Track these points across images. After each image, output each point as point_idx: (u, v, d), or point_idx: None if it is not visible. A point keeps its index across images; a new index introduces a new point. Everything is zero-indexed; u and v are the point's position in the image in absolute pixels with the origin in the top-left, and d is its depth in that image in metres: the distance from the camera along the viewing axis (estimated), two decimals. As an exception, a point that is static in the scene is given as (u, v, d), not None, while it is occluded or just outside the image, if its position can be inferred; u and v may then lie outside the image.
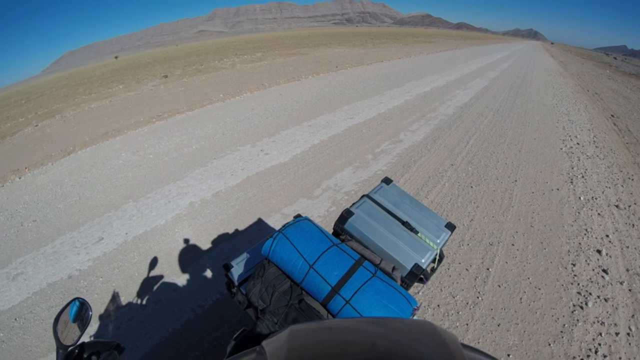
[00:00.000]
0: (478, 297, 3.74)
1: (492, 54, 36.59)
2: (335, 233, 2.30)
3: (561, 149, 7.96)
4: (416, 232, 2.17)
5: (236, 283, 2.19)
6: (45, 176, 7.58)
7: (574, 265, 4.32)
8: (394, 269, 1.94)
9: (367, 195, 2.42)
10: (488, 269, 4.13)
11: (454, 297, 3.74)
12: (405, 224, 2.20)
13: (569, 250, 4.58)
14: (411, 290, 2.15)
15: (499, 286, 3.90)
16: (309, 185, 6.08)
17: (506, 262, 4.27)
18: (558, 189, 6.12)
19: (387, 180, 2.60)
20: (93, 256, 4.68)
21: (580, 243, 4.76)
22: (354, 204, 2.35)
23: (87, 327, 1.50)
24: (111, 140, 9.46)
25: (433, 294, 3.78)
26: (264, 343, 0.78)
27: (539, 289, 3.91)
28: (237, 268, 2.27)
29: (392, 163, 6.84)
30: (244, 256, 2.35)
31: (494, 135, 8.51)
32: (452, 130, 8.81)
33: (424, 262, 2.03)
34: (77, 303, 1.52)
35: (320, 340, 0.78)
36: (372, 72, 18.07)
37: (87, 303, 1.56)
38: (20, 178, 7.69)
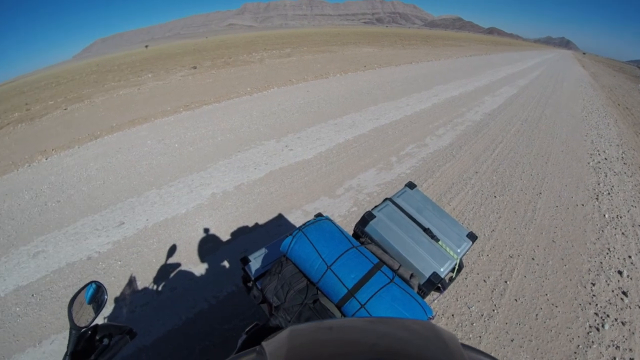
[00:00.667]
0: (494, 310, 3.65)
1: (523, 61, 36.04)
2: (356, 235, 2.25)
3: (588, 163, 7.75)
4: (437, 240, 2.12)
5: (253, 277, 2.18)
6: (71, 159, 7.70)
7: (593, 284, 4.18)
8: (411, 276, 1.90)
9: (390, 199, 2.37)
10: (506, 282, 4.03)
11: (469, 308, 3.66)
12: (426, 230, 2.15)
13: (589, 269, 4.42)
14: (427, 299, 2.11)
15: (516, 300, 3.80)
16: (332, 183, 6.04)
17: (525, 276, 4.16)
18: (583, 205, 5.94)
19: (411, 185, 2.54)
20: (113, 239, 4.74)
21: (601, 262, 4.60)
22: (376, 206, 2.31)
23: (101, 310, 1.50)
24: (138, 127, 9.57)
25: (448, 303, 3.71)
26: (263, 343, 0.76)
27: (556, 306, 3.79)
28: (255, 262, 2.26)
29: (416, 167, 6.75)
30: (262, 251, 2.34)
31: (521, 145, 8.35)
32: (479, 137, 8.67)
33: (443, 271, 1.99)
34: (94, 286, 1.53)
35: (321, 339, 0.76)
36: (400, 74, 17.97)
37: (104, 287, 1.55)
38: (47, 159, 7.83)
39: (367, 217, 2.19)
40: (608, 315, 3.79)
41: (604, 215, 5.78)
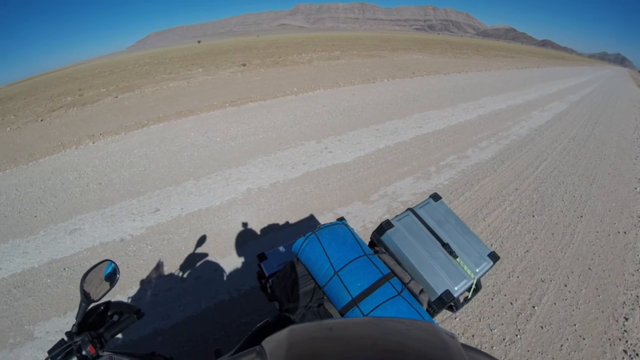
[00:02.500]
0: (517, 335, 3.48)
1: (575, 77, 34.79)
2: (372, 243, 2.22)
3: (635, 188, 7.32)
4: (455, 257, 2.03)
5: (266, 275, 2.19)
6: (116, 144, 7.95)
7: (626, 319, 3.93)
8: (421, 291, 1.84)
9: (412, 210, 2.30)
10: (534, 307, 3.82)
11: (491, 330, 3.51)
12: (445, 245, 2.07)
13: (624, 302, 4.15)
14: (439, 317, 2.05)
15: (542, 327, 3.61)
16: (367, 189, 5.99)
17: (555, 303, 3.93)
18: (625, 233, 5.60)
19: (435, 197, 2.45)
20: (147, 225, 4.88)
21: (638, 296, 4.33)
22: (397, 216, 2.25)
23: (112, 287, 1.56)
24: (183, 120, 9.79)
25: (470, 322, 3.57)
26: (263, 342, 0.76)
27: (584, 338, 3.57)
28: (271, 260, 2.28)
29: (455, 179, 6.61)
30: (280, 249, 2.36)
31: (566, 164, 8.02)
32: (523, 152, 8.40)
33: (457, 290, 1.91)
34: (112, 265, 1.60)
35: (321, 339, 0.75)
36: (448, 82, 17.74)
37: (117, 267, 1.62)
38: (94, 143, 8.11)
39: (384, 226, 2.13)
40: (637, 354, 3.59)
41: (647, 246, 5.51)
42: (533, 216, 5.58)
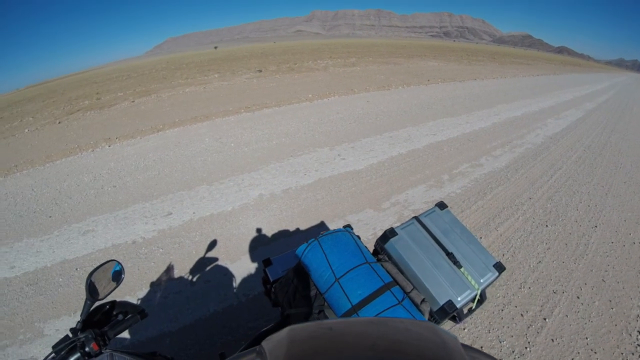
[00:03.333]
0: (526, 348, 3.41)
1: (592, 84, 34.26)
2: (376, 251, 2.20)
3: None
4: (459, 266, 2.00)
5: (271, 280, 2.20)
6: (132, 148, 8.04)
7: None
8: (423, 301, 1.83)
9: (417, 218, 2.26)
10: (545, 319, 3.74)
11: (500, 342, 3.44)
12: (449, 255, 2.04)
13: (638, 315, 4.06)
14: (445, 327, 2.03)
15: (552, 340, 3.52)
16: (379, 196, 5.98)
17: (566, 316, 3.84)
18: None
19: (441, 205, 2.42)
20: (159, 228, 4.93)
21: None
22: (402, 224, 2.23)
23: (117, 287, 1.59)
24: (198, 125, 9.88)
25: (479, 333, 3.51)
26: (263, 342, 0.77)
27: (595, 352, 3.47)
28: (276, 265, 2.30)
29: (468, 187, 6.56)
30: (285, 255, 2.38)
31: (581, 173, 7.91)
32: (537, 161, 8.31)
33: (460, 300, 1.87)
34: (118, 265, 1.63)
35: (320, 339, 0.75)
36: (463, 90, 17.67)
37: (123, 267, 1.65)
38: (109, 146, 8.22)
39: (388, 234, 2.10)
40: (650, 370, 3.53)
41: (662, 258, 5.41)
42: (546, 226, 5.51)
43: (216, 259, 4.25)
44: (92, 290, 1.43)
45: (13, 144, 10.03)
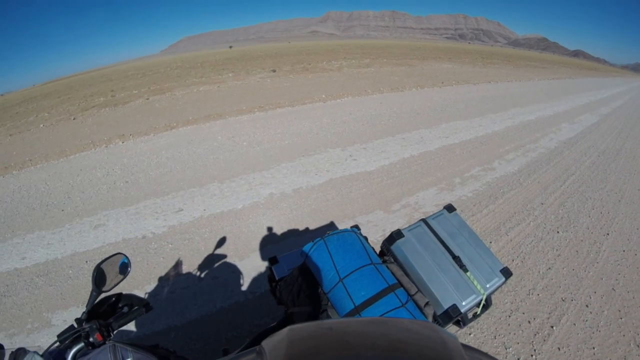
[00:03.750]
0: (532, 356, 3.34)
1: (607, 88, 33.71)
2: (382, 252, 2.18)
3: None
4: (465, 270, 1.97)
5: (276, 278, 2.21)
6: (145, 145, 8.11)
7: None
8: (427, 304, 1.80)
9: (424, 220, 2.23)
10: (552, 327, 3.67)
11: (506, 349, 3.37)
12: (455, 258, 2.01)
13: None
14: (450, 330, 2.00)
15: (559, 349, 3.45)
16: (389, 198, 5.96)
17: (574, 324, 3.76)
18: None
19: (449, 208, 2.37)
20: (169, 224, 4.98)
21: None
22: (409, 226, 2.19)
23: (123, 279, 1.62)
24: (211, 123, 9.93)
25: (484, 339, 3.46)
26: (263, 343, 0.76)
27: None
28: (282, 264, 2.31)
29: (479, 191, 6.52)
30: (292, 254, 2.38)
31: (595, 179, 7.81)
32: (550, 166, 8.24)
33: (464, 304, 1.84)
34: (125, 258, 1.66)
35: (320, 339, 0.75)
36: (477, 92, 17.56)
37: (129, 261, 1.68)
38: (123, 142, 8.30)
39: (394, 236, 2.08)
40: (657, 381, 3.46)
41: (675, 267, 5.30)
42: (558, 232, 5.44)
43: (225, 256, 4.28)
44: (98, 282, 1.46)
45: (28, 139, 10.17)
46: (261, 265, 4.13)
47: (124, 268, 1.65)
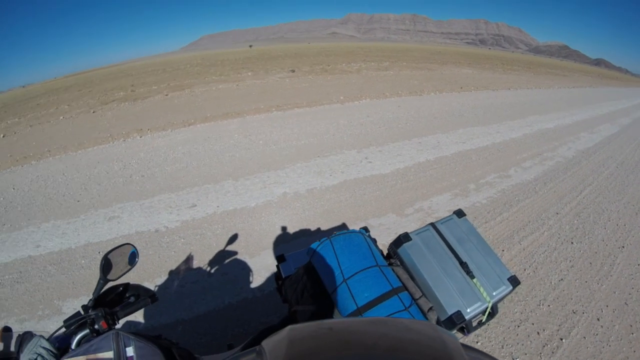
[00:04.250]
0: None
1: (628, 99, 32.90)
2: (388, 255, 2.17)
3: None
4: (472, 277, 1.94)
5: (283, 276, 2.21)
6: (162, 140, 8.19)
7: None
8: (430, 309, 1.79)
9: (433, 224, 2.21)
10: (561, 339, 3.59)
11: (513, 359, 3.40)
12: (463, 264, 1.99)
13: None
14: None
15: None
16: (403, 202, 5.93)
17: (584, 337, 3.67)
18: None
19: (459, 213, 2.36)
20: (182, 219, 5.03)
21: None
22: (417, 229, 2.18)
23: (130, 269, 1.65)
24: (229, 121, 10.00)
25: (492, 349, 3.41)
26: (263, 342, 0.77)
27: None
28: (289, 262, 2.32)
29: (494, 198, 6.45)
30: (300, 253, 2.38)
31: (612, 190, 7.66)
32: (567, 175, 8.14)
33: (469, 311, 1.81)
34: (133, 249, 1.69)
35: (320, 339, 0.75)
36: (496, 99, 17.39)
37: (138, 251, 1.72)
38: (140, 137, 8.40)
39: (402, 239, 2.07)
40: (665, 400, 3.38)
41: (690, 283, 5.17)
42: (572, 243, 5.35)
43: (235, 253, 4.31)
44: (105, 270, 1.48)
45: (48, 130, 10.34)
46: (271, 264, 4.14)
47: (132, 258, 1.67)
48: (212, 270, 4.01)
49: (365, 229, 2.21)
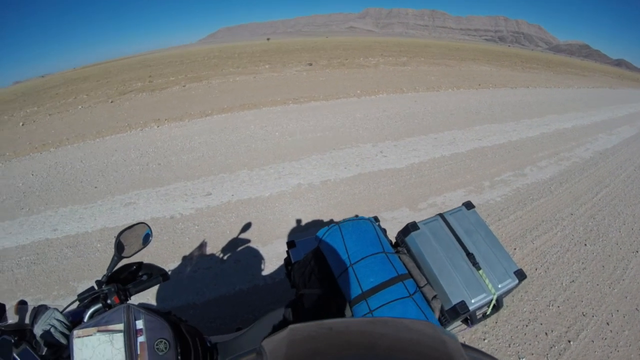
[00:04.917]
0: None
1: None
2: (396, 243, 2.21)
3: None
4: (478, 268, 1.95)
5: (292, 262, 2.26)
6: (179, 130, 8.26)
7: None
8: (434, 297, 1.80)
9: (441, 215, 2.24)
10: (569, 342, 3.54)
11: (519, 359, 3.30)
12: (469, 255, 2.00)
13: None
14: (456, 330, 1.99)
15: None
16: (416, 196, 5.92)
17: (592, 341, 3.62)
18: None
19: (468, 205, 2.38)
20: (197, 206, 5.10)
21: None
22: (425, 219, 2.21)
23: (144, 248, 1.69)
24: (245, 112, 10.03)
25: (498, 347, 3.39)
26: (263, 343, 0.77)
27: None
28: (299, 248, 2.37)
29: (508, 196, 6.39)
30: (310, 239, 2.40)
31: (629, 193, 7.50)
32: (584, 176, 8.01)
33: (473, 302, 1.83)
34: (147, 228, 1.72)
35: (321, 339, 0.76)
36: (514, 97, 17.16)
37: (152, 231, 1.75)
38: (158, 127, 8.48)
39: (410, 227, 2.09)
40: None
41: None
42: (585, 245, 5.26)
43: (248, 241, 4.35)
44: (120, 248, 1.53)
45: (67, 119, 10.49)
46: (283, 252, 4.12)
47: (146, 238, 1.71)
48: (225, 257, 4.07)
49: (376, 218, 2.21)
